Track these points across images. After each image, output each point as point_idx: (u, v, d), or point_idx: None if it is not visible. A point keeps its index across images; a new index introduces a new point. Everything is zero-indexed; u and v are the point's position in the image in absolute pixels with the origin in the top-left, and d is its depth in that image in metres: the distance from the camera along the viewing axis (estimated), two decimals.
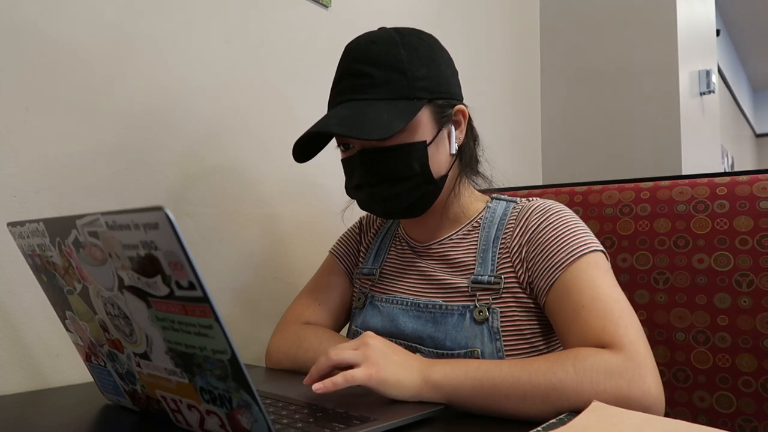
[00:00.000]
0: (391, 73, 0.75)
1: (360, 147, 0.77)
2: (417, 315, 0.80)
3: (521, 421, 0.60)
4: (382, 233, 0.94)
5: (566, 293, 0.70)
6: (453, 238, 0.83)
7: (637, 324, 0.66)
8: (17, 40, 0.80)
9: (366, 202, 0.80)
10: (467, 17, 1.80)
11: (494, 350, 0.74)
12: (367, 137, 0.71)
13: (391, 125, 0.72)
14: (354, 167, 0.79)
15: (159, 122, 0.97)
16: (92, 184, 0.88)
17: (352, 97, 0.76)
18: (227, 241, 1.07)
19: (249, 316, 1.11)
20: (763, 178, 0.94)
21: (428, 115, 0.77)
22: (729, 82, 5.08)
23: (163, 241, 0.43)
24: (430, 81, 0.77)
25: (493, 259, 0.78)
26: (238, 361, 0.46)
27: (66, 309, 0.63)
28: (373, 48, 0.77)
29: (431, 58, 0.78)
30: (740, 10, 4.81)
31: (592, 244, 0.73)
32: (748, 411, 0.90)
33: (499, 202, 0.84)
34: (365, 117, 0.72)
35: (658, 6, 1.94)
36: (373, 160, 0.76)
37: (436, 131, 0.78)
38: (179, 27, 1.01)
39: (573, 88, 2.09)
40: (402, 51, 0.76)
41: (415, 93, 0.75)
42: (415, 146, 0.76)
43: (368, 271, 0.91)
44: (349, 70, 0.78)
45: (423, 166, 0.76)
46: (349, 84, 0.77)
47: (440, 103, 0.78)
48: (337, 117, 0.74)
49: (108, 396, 0.69)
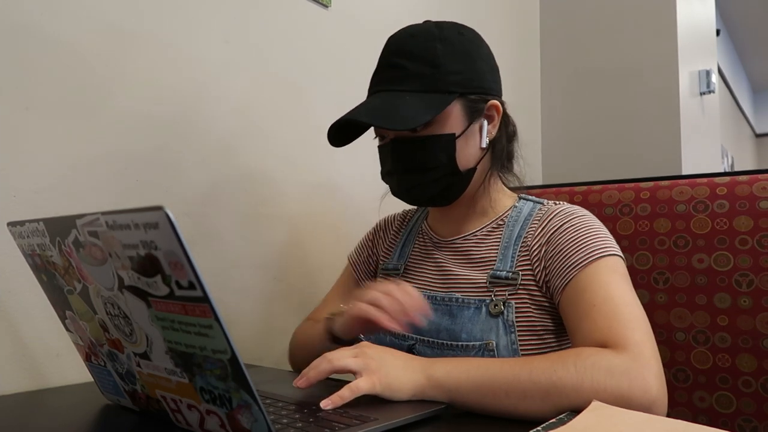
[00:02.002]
0: (425, 66, 0.78)
1: (393, 136, 0.80)
2: (434, 308, 0.81)
3: (521, 421, 0.60)
4: (407, 230, 0.96)
5: (580, 292, 0.71)
6: (477, 234, 0.85)
7: (647, 328, 0.66)
8: (17, 40, 0.80)
9: (395, 188, 0.83)
10: (467, 17, 1.80)
11: (509, 343, 0.75)
12: (391, 127, 0.74)
13: (417, 117, 0.74)
14: (387, 155, 0.82)
15: (159, 122, 0.97)
16: (92, 184, 0.88)
17: (385, 88, 0.79)
18: (227, 241, 1.07)
19: (249, 316, 1.11)
20: (763, 178, 0.94)
21: (459, 109, 0.79)
22: (729, 82, 5.08)
23: (163, 241, 0.43)
24: (464, 76, 0.79)
25: (513, 256, 0.80)
26: (238, 361, 0.46)
27: (66, 309, 0.63)
28: (410, 41, 0.80)
29: (468, 53, 0.80)
30: (740, 10, 4.81)
31: (611, 249, 0.74)
32: (748, 411, 0.90)
33: (527, 202, 0.86)
34: (394, 108, 0.75)
35: (658, 6, 1.94)
36: (403, 149, 0.79)
37: (466, 125, 0.80)
38: (179, 27, 1.01)
39: (573, 88, 2.09)
40: (438, 45, 0.78)
41: (447, 87, 0.78)
42: (443, 138, 0.78)
43: (393, 266, 0.93)
44: (386, 62, 0.81)
45: (450, 158, 0.78)
46: (385, 75, 0.81)
47: (473, 97, 0.80)
48: (367, 107, 0.78)
49: (108, 396, 0.68)
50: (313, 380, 0.65)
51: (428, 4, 1.61)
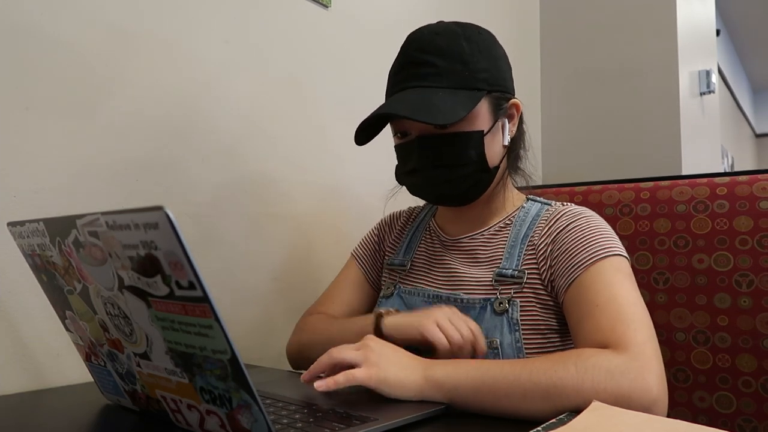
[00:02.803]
0: (455, 63, 0.78)
1: (419, 133, 0.79)
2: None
3: (521, 421, 0.60)
4: (413, 227, 0.96)
5: (584, 292, 0.71)
6: (485, 234, 0.85)
7: (650, 329, 0.66)
8: (17, 40, 0.80)
9: (420, 185, 0.82)
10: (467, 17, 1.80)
11: (513, 341, 0.75)
12: (434, 122, 0.73)
13: (455, 112, 0.74)
14: (410, 152, 0.81)
15: (159, 122, 0.97)
16: (92, 184, 0.88)
17: (415, 84, 0.78)
18: (227, 241, 1.07)
19: (249, 316, 1.11)
20: (763, 178, 0.94)
21: (486, 107, 0.80)
22: (729, 82, 5.08)
23: (163, 241, 0.43)
24: (490, 73, 0.79)
25: (519, 254, 0.80)
26: (238, 361, 0.46)
27: (66, 309, 0.63)
28: (437, 39, 0.79)
29: (491, 52, 0.81)
30: (740, 10, 4.81)
31: (616, 249, 0.74)
32: (748, 411, 0.90)
33: (534, 203, 0.86)
34: (431, 103, 0.75)
35: (658, 6, 1.94)
36: (433, 145, 0.78)
37: (492, 122, 0.80)
38: (179, 27, 1.01)
39: (573, 88, 2.09)
40: (464, 43, 0.79)
41: (476, 84, 0.78)
42: (474, 135, 0.78)
43: (399, 262, 0.93)
44: (412, 59, 0.80)
45: (479, 155, 0.79)
46: (413, 72, 0.79)
47: (497, 95, 0.81)
48: (402, 101, 0.77)
49: (108, 396, 0.68)
50: (314, 373, 0.66)
51: (428, 4, 1.61)
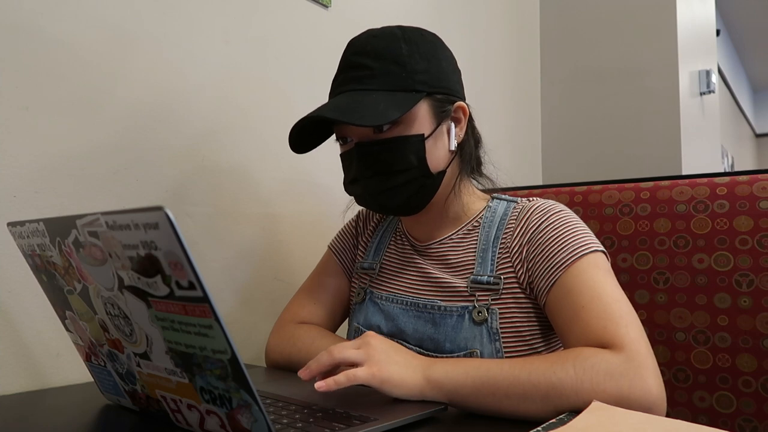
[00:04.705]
0: (390, 65, 0.75)
1: (357, 139, 0.77)
2: (417, 315, 0.80)
3: (521, 421, 0.60)
4: (382, 228, 0.94)
5: (566, 294, 0.70)
6: (453, 238, 0.83)
7: (638, 323, 0.65)
8: (17, 40, 0.80)
9: (362, 195, 0.79)
10: (467, 17, 1.80)
11: (493, 351, 0.74)
12: (360, 123, 0.70)
13: (386, 113, 0.71)
14: (351, 161, 0.78)
15: (159, 122, 0.97)
16: (92, 184, 0.88)
17: (350, 88, 0.76)
18: (227, 241, 1.07)
19: (249, 316, 1.11)
20: (763, 178, 0.94)
21: (427, 109, 0.77)
22: (729, 82, 5.08)
23: (163, 241, 0.43)
24: (430, 75, 0.77)
25: (492, 259, 0.78)
26: (238, 361, 0.46)
27: (66, 309, 0.63)
28: (373, 41, 0.77)
29: (432, 54, 0.78)
30: (740, 10, 4.81)
31: (593, 245, 0.73)
32: (748, 411, 0.90)
33: (500, 201, 0.83)
34: (361, 105, 0.72)
35: (658, 6, 1.95)
36: (370, 152, 0.75)
37: (434, 126, 0.77)
38: (179, 26, 1.01)
39: (573, 88, 2.09)
40: (402, 45, 0.76)
41: (414, 85, 0.75)
42: (412, 139, 0.75)
43: (368, 265, 0.90)
44: (349, 63, 0.78)
45: (420, 160, 0.75)
46: (349, 76, 0.77)
47: (440, 97, 0.78)
48: (332, 105, 0.75)
49: (108, 396, 0.68)
50: (315, 372, 0.65)
51: (428, 5, 1.61)
